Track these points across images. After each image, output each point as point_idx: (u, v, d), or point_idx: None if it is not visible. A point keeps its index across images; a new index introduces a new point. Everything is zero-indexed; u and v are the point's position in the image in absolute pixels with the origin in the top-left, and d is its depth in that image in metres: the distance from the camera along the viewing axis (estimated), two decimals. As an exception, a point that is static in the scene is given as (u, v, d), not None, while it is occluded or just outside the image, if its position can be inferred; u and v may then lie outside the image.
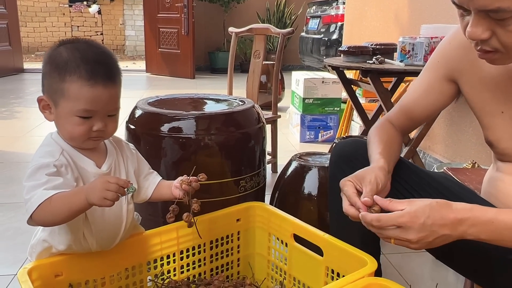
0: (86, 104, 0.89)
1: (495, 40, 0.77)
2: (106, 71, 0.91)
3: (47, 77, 0.92)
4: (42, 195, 0.85)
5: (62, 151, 0.94)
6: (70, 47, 0.92)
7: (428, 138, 2.59)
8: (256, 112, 1.55)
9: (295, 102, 3.53)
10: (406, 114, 1.12)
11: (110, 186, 0.84)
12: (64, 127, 0.93)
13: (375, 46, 2.24)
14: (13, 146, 3.12)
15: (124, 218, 1.02)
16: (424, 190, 1.03)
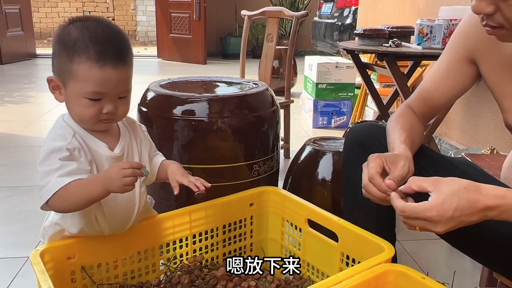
0: (95, 86, 0.86)
1: (499, 15, 0.76)
2: (116, 52, 0.88)
3: (57, 56, 0.90)
4: (57, 183, 0.84)
5: (74, 133, 0.92)
6: (79, 25, 0.89)
7: (444, 124, 2.54)
8: (270, 95, 1.52)
9: (308, 87, 3.48)
10: (426, 99, 1.08)
11: (126, 172, 0.83)
12: (73, 109, 0.91)
13: (391, 29, 2.18)
14: (26, 130, 3.14)
15: (137, 202, 1.01)
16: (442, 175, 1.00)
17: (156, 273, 1.14)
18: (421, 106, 1.09)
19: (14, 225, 1.78)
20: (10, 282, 1.41)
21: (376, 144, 1.06)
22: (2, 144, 2.80)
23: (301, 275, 1.20)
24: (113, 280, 1.06)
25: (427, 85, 1.09)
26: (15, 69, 5.87)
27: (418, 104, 1.10)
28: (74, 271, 0.99)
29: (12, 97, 4.21)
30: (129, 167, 0.84)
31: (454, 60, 1.03)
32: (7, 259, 1.54)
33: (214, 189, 1.39)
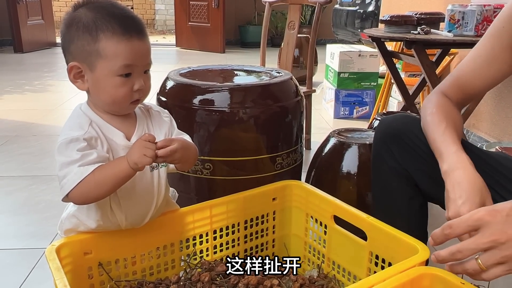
0: (125, 59, 0.84)
1: None
2: (136, 24, 0.87)
3: (75, 41, 0.85)
4: (79, 172, 0.81)
5: (91, 122, 0.89)
6: (92, 6, 0.86)
7: (473, 116, 2.44)
8: (294, 85, 1.45)
9: (329, 77, 3.40)
10: (462, 87, 1.00)
11: (148, 144, 0.83)
12: (105, 91, 0.87)
13: (419, 15, 2.08)
14: (46, 119, 3.14)
15: (155, 194, 0.96)
16: (480, 169, 0.93)
17: (175, 269, 1.10)
18: (458, 93, 1.01)
19: (33, 215, 1.77)
20: (28, 274, 1.39)
21: (411, 136, 1.00)
22: (22, 132, 2.80)
23: (326, 274, 1.15)
24: (131, 277, 1.02)
25: (463, 73, 1.01)
26: (35, 57, 5.90)
27: (454, 91, 1.01)
28: (91, 267, 0.96)
29: (32, 85, 4.23)
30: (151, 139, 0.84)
31: (498, 48, 0.94)
32: (26, 250, 1.52)
33: (235, 182, 1.35)
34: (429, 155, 0.96)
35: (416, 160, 0.98)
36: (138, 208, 0.95)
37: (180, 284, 1.04)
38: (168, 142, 0.86)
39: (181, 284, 1.04)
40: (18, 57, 5.87)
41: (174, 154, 0.86)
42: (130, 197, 0.93)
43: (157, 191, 0.97)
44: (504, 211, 0.60)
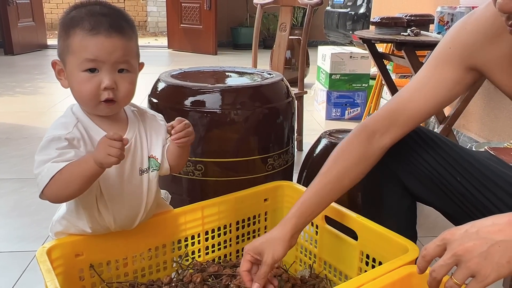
0: (88, 54, 0.83)
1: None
2: (110, 22, 0.84)
3: (59, 39, 0.88)
4: (51, 168, 0.80)
5: (76, 123, 0.88)
6: (80, 6, 0.88)
7: (463, 116, 2.46)
8: (285, 86, 1.46)
9: (321, 78, 3.41)
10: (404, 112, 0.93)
11: (113, 143, 0.79)
12: (73, 87, 0.87)
13: (409, 17, 2.09)
14: (37, 121, 3.12)
15: (144, 198, 0.96)
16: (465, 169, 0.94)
17: (167, 271, 1.10)
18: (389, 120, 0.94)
19: (23, 218, 1.76)
20: (19, 277, 1.38)
21: None
22: (13, 135, 2.78)
23: (318, 274, 1.16)
24: (122, 278, 1.02)
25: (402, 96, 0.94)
26: (26, 59, 5.86)
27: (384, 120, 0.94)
28: (82, 269, 0.96)
29: (23, 88, 4.20)
30: (117, 138, 0.80)
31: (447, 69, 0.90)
32: (17, 253, 1.52)
33: (227, 183, 1.35)
34: (415, 158, 0.97)
35: (403, 162, 0.99)
36: (126, 211, 0.95)
37: (172, 285, 1.04)
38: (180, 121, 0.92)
39: (173, 285, 1.04)
40: (8, 59, 5.83)
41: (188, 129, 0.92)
42: (118, 200, 0.93)
43: (146, 195, 0.96)
44: (464, 228, 0.64)
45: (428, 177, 0.96)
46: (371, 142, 0.94)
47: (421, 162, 0.97)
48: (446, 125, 2.06)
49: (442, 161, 0.95)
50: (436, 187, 0.96)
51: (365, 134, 0.95)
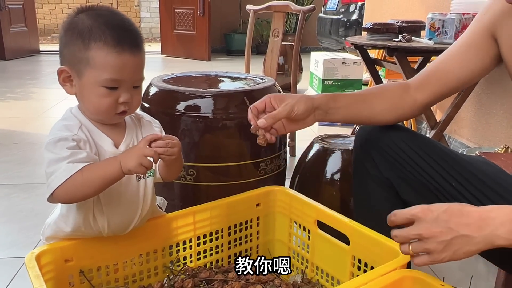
0: (113, 73, 0.83)
1: None
2: (132, 38, 0.85)
3: (69, 45, 0.85)
4: (68, 169, 0.80)
5: (80, 125, 0.88)
6: (92, 13, 0.86)
7: (454, 122, 2.47)
8: (277, 91, 1.46)
9: (314, 84, 3.43)
10: (437, 73, 1.00)
11: (147, 152, 0.81)
12: (89, 99, 0.86)
13: (401, 23, 2.12)
14: (28, 126, 3.10)
15: (141, 204, 0.96)
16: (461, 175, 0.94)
17: (158, 276, 1.09)
18: (428, 79, 1.00)
19: (13, 224, 1.74)
20: (9, 283, 1.36)
21: (390, 144, 1.00)
22: (3, 141, 2.75)
23: (310, 279, 1.15)
24: (113, 284, 1.01)
25: (440, 59, 1.01)
26: (18, 65, 5.83)
27: (420, 75, 1.02)
28: (72, 274, 0.95)
29: (15, 93, 4.17)
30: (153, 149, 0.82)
31: (477, 32, 0.96)
32: (6, 259, 1.50)
33: (219, 188, 1.35)
34: (409, 164, 0.97)
35: (396, 168, 0.98)
36: (122, 217, 0.95)
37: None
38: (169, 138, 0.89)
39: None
40: (0, 64, 5.80)
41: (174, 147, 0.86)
42: (114, 205, 0.92)
43: (142, 201, 0.96)
44: (436, 212, 0.68)
45: (422, 183, 0.96)
46: (406, 91, 1.01)
47: (415, 168, 0.96)
48: (438, 130, 2.08)
49: (436, 166, 0.95)
50: (430, 193, 0.96)
51: (401, 85, 1.03)
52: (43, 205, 1.93)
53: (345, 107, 0.99)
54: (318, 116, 0.97)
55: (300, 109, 0.93)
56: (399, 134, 1.00)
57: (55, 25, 10.09)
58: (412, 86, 1.02)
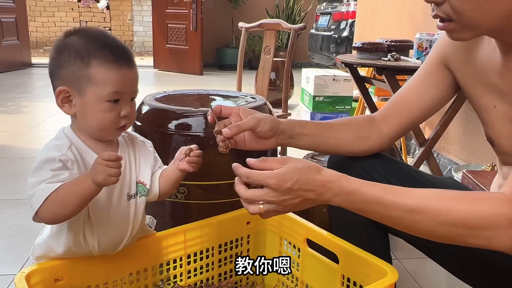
0: (115, 86, 0.87)
1: (447, 5, 0.75)
2: (127, 53, 0.91)
3: (66, 66, 0.87)
4: (46, 189, 0.81)
5: (70, 145, 0.89)
6: (83, 34, 0.89)
7: (443, 139, 2.51)
8: (268, 110, 1.49)
9: (305, 100, 3.46)
10: (398, 104, 1.03)
11: (110, 164, 0.81)
12: (93, 115, 0.89)
13: (390, 42, 2.16)
14: (19, 141, 3.09)
15: (131, 223, 0.96)
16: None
17: (148, 295, 1.09)
18: (391, 111, 1.04)
19: (2, 240, 1.73)
20: (-3, 302, 1.35)
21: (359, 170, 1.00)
22: (-6, 155, 2.74)
23: (300, 297, 1.16)
24: (103, 303, 1.01)
25: (400, 91, 1.05)
26: (9, 78, 5.82)
27: (387, 108, 1.05)
28: (62, 294, 0.94)
29: (6, 106, 4.16)
30: (114, 159, 0.81)
31: (430, 65, 1.00)
32: (-6, 277, 1.49)
33: (210, 206, 1.36)
34: None
35: None
36: (112, 236, 0.95)
37: (153, 310, 1.03)
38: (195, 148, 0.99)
39: (154, 310, 1.03)
40: (-9, 77, 5.79)
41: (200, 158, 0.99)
42: (105, 225, 0.93)
43: (133, 220, 0.97)
44: (290, 182, 0.76)
45: None
46: (372, 123, 1.04)
47: None
48: (426, 148, 2.11)
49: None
50: None
51: (367, 117, 1.06)
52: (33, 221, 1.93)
53: (312, 134, 1.00)
54: (282, 140, 0.98)
55: (265, 126, 0.93)
56: (368, 160, 1.02)
57: (47, 38, 10.10)
58: (377, 119, 1.04)
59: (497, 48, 0.84)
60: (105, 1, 10.21)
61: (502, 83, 0.85)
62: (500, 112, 0.87)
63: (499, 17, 0.74)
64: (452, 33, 0.79)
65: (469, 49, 0.90)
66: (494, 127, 0.90)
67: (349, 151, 1.02)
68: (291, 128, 0.98)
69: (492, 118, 0.89)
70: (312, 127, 1.01)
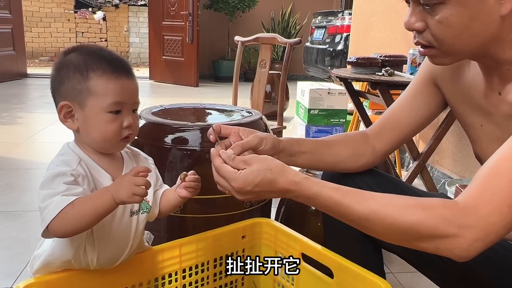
0: (115, 97, 0.88)
1: (428, 32, 0.78)
2: (125, 65, 0.92)
3: (66, 81, 0.89)
4: (61, 201, 0.80)
5: (79, 161, 0.89)
6: (82, 51, 0.91)
7: (436, 153, 2.54)
8: (263, 124, 1.50)
9: (300, 113, 3.49)
10: (389, 121, 1.06)
11: (137, 180, 0.82)
12: (95, 128, 0.89)
13: (384, 57, 2.19)
14: (14, 152, 3.08)
15: (131, 239, 0.97)
16: None
17: (143, 309, 1.09)
18: (382, 127, 1.06)
19: (-4, 253, 1.72)
20: (-10, 316, 1.34)
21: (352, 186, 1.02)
22: (-12, 166, 2.73)
23: (294, 312, 1.16)
24: (98, 318, 1.01)
25: (391, 108, 1.08)
26: (5, 88, 5.81)
27: (378, 125, 1.07)
28: (57, 308, 0.94)
29: (1, 117, 4.15)
30: (142, 170, 0.84)
31: (420, 82, 1.02)
32: (-12, 290, 1.48)
33: (206, 220, 1.36)
34: None
35: None
36: (112, 251, 0.95)
37: (148, 325, 1.03)
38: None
39: (149, 325, 1.03)
40: (-14, 88, 5.78)
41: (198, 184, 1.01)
42: (106, 240, 0.93)
43: (133, 237, 0.97)
44: (250, 186, 0.80)
45: None
46: (365, 139, 1.05)
47: None
48: (420, 162, 2.13)
49: None
50: None
51: (360, 133, 1.07)
52: (27, 233, 1.92)
53: (309, 152, 1.02)
54: (282, 159, 0.97)
55: (267, 145, 0.94)
56: (362, 176, 1.04)
57: (43, 48, 10.12)
58: (370, 135, 1.07)
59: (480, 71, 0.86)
60: (102, 12, 10.27)
61: (486, 104, 0.87)
62: (487, 131, 0.89)
63: (478, 43, 0.77)
64: (434, 58, 0.82)
65: (456, 68, 0.93)
66: (481, 145, 0.92)
67: (344, 167, 1.04)
68: (290, 146, 1.00)
69: (479, 137, 0.91)
70: (309, 144, 1.03)
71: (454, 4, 0.73)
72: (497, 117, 0.85)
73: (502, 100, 0.83)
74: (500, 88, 0.83)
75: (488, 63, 0.82)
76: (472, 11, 0.73)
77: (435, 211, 0.70)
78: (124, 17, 10.39)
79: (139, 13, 10.28)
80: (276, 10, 7.93)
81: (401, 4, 0.84)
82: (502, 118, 0.83)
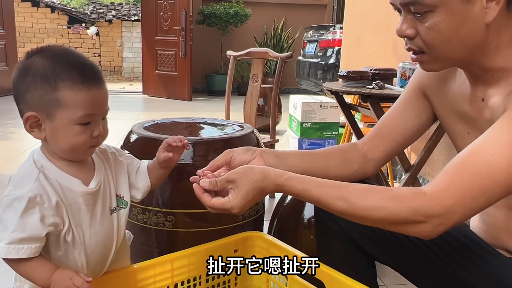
0: (86, 109, 0.84)
1: (419, 39, 0.82)
2: (94, 72, 0.87)
3: (32, 90, 0.84)
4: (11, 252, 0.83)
5: (38, 175, 0.85)
6: (47, 54, 0.86)
7: (428, 164, 2.56)
8: (255, 138, 1.51)
9: (293, 126, 3.50)
10: (380, 131, 1.08)
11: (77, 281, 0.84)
12: (64, 139, 0.86)
13: (374, 71, 2.22)
14: (5, 167, 3.06)
15: (115, 236, 0.97)
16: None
17: (134, 326, 1.08)
18: (374, 138, 1.08)
19: (-14, 271, 1.69)
20: (-22, 334, 1.32)
21: None
22: (-21, 182, 2.71)
23: (287, 326, 1.15)
24: (88, 335, 0.99)
25: (382, 119, 1.10)
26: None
27: (370, 136, 1.09)
28: (45, 326, 0.93)
29: (-8, 133, 4.14)
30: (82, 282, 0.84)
31: (410, 93, 1.05)
32: (-24, 309, 1.45)
33: (198, 234, 1.36)
34: None
35: (354, 223, 1.00)
36: (100, 252, 0.95)
37: None
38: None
39: None
40: (-22, 103, 5.75)
41: None
42: (92, 243, 0.93)
43: (116, 234, 0.97)
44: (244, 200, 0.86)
45: (380, 237, 0.98)
46: (355, 148, 1.08)
47: None
48: (412, 174, 2.14)
49: None
50: (391, 248, 0.99)
51: (349, 143, 1.12)
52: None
53: (299, 154, 1.06)
54: (268, 159, 1.02)
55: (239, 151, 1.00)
56: None
57: (36, 63, 10.12)
58: (359, 144, 1.09)
59: (466, 79, 0.89)
60: (95, 27, 10.32)
61: (471, 111, 0.90)
62: (474, 138, 0.90)
63: (466, 50, 0.80)
64: (424, 64, 0.86)
65: (443, 79, 0.95)
66: None
67: (336, 174, 1.04)
68: (274, 151, 1.05)
69: (466, 145, 0.92)
70: (298, 152, 1.09)
71: (443, 12, 0.77)
72: (481, 123, 0.87)
73: (485, 106, 0.86)
74: (483, 94, 0.86)
75: (474, 70, 0.85)
76: (459, 19, 0.77)
77: (406, 203, 0.78)
78: (118, 32, 10.45)
79: (132, 28, 10.34)
80: (268, 25, 8.01)
81: (391, 18, 0.86)
82: (486, 123, 0.85)
